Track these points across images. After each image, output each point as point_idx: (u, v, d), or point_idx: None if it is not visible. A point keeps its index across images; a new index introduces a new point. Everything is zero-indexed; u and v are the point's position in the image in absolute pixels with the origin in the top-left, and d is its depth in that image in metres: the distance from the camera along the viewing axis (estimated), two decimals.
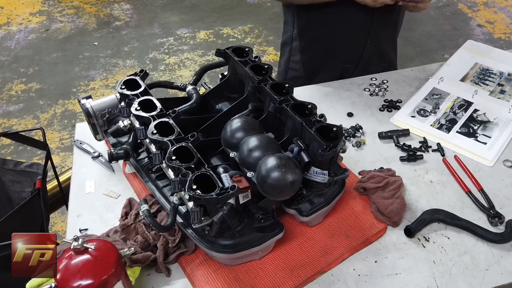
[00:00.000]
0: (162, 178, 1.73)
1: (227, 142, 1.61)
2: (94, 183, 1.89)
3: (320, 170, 1.55)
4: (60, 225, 3.62)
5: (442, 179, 1.89)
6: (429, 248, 1.65)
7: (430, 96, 2.29)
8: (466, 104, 2.24)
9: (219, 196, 1.34)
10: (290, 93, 1.71)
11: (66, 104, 4.80)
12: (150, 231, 1.57)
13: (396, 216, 1.68)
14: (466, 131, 2.10)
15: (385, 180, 1.76)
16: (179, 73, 5.23)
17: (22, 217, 2.11)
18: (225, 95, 1.97)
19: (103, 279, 1.24)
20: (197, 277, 1.53)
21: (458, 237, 1.68)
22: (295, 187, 1.46)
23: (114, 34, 5.95)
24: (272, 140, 1.57)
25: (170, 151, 1.46)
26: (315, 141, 1.52)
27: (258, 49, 5.60)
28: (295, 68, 2.56)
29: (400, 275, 1.56)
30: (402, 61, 5.03)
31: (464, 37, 5.34)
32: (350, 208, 1.75)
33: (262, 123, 1.68)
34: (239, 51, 1.92)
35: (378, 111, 2.22)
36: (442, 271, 1.57)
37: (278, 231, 1.55)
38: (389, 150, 2.02)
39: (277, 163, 1.42)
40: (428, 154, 2.00)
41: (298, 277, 1.52)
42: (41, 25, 6.11)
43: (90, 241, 1.30)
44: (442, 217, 1.71)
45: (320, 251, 1.60)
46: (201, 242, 1.51)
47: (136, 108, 1.64)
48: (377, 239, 1.67)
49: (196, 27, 6.05)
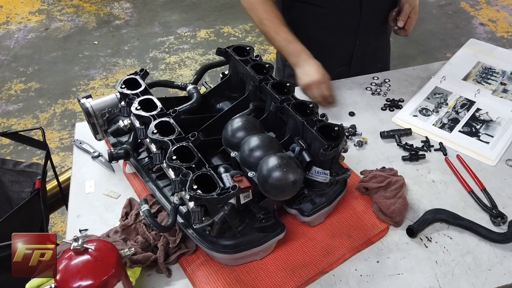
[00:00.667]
0: (162, 178, 1.73)
1: (228, 142, 1.61)
2: (94, 183, 1.89)
3: (322, 170, 1.55)
4: (60, 226, 3.62)
5: (444, 179, 1.89)
6: (431, 248, 1.64)
7: (432, 95, 2.29)
8: (468, 103, 2.23)
9: (220, 196, 1.34)
10: (292, 92, 1.71)
11: (66, 104, 4.81)
12: (151, 232, 1.57)
13: (398, 216, 1.68)
14: (469, 131, 2.10)
15: (387, 180, 1.75)
16: (179, 72, 5.23)
17: (22, 218, 2.11)
18: (226, 94, 1.97)
19: (103, 280, 1.24)
20: (198, 277, 1.53)
21: (460, 237, 1.68)
22: (296, 187, 1.47)
23: (114, 33, 5.96)
24: (273, 140, 1.57)
25: (171, 151, 1.46)
26: (317, 141, 1.52)
27: (259, 48, 5.60)
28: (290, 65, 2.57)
29: (402, 275, 1.56)
30: (404, 60, 5.03)
31: (466, 36, 5.34)
32: (352, 208, 1.75)
33: (263, 122, 1.68)
34: (240, 50, 1.92)
35: (380, 110, 2.22)
36: (444, 271, 1.57)
37: (280, 231, 1.55)
38: (391, 150, 2.02)
39: (278, 162, 1.42)
40: (430, 154, 2.00)
41: (300, 278, 1.52)
42: (40, 24, 6.12)
43: (90, 241, 1.31)
44: (445, 217, 1.71)
45: (321, 251, 1.60)
46: (202, 242, 1.50)
47: (136, 108, 1.64)
48: (379, 239, 1.67)
49: (196, 26, 6.05)
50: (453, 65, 2.49)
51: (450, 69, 2.46)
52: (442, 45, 5.64)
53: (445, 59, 2.62)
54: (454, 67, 2.47)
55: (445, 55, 5.39)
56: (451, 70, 2.44)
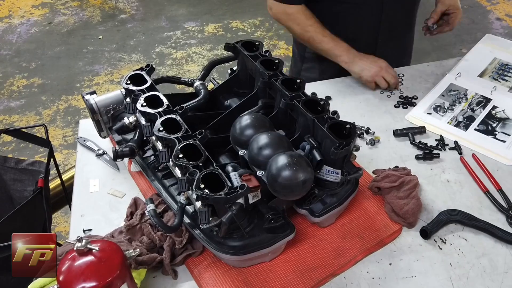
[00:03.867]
0: (168, 177, 1.73)
1: (236, 140, 1.61)
2: (98, 182, 1.89)
3: (333, 169, 1.55)
4: (63, 225, 3.63)
5: (459, 179, 1.89)
6: (445, 250, 1.64)
7: (447, 92, 2.28)
8: (484, 101, 2.23)
9: (228, 195, 1.34)
10: (302, 89, 1.71)
11: (70, 100, 4.82)
12: (156, 232, 1.57)
13: (411, 217, 1.67)
14: (485, 129, 2.09)
15: (400, 180, 1.75)
16: (186, 68, 5.24)
17: (24, 217, 2.12)
18: (234, 90, 1.97)
19: (108, 282, 1.24)
20: (205, 279, 1.53)
21: (476, 239, 1.67)
22: (306, 187, 1.46)
23: (120, 27, 5.97)
24: (283, 138, 1.57)
25: (177, 149, 1.46)
26: (328, 139, 1.52)
27: (268, 43, 5.59)
28: (310, 58, 2.58)
29: (416, 278, 1.56)
30: (418, 55, 4.99)
31: (482, 31, 5.31)
32: (364, 208, 1.75)
33: (272, 120, 1.68)
34: (249, 45, 1.92)
35: (393, 108, 2.22)
36: (459, 274, 1.57)
37: (289, 232, 1.55)
38: (405, 148, 2.01)
39: (288, 161, 1.42)
40: (445, 153, 1.99)
41: (310, 280, 1.52)
42: (43, 18, 6.13)
43: (94, 242, 1.31)
44: (459, 218, 1.71)
45: (332, 253, 1.60)
46: (209, 243, 1.50)
47: (142, 104, 1.64)
48: (391, 241, 1.67)
49: (204, 20, 6.05)
50: (468, 61, 2.49)
51: (465, 65, 2.45)
52: (457, 40, 5.61)
53: (460, 55, 2.61)
54: (469, 64, 2.46)
55: (461, 51, 5.37)
56: (467, 67, 2.43)
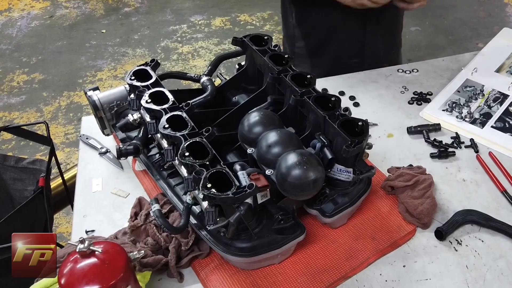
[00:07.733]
0: (174, 176, 1.73)
1: (245, 138, 1.61)
2: (101, 181, 1.89)
3: (345, 168, 1.55)
4: (65, 226, 3.64)
5: (475, 178, 1.88)
6: (461, 252, 1.64)
7: (463, 88, 2.27)
8: (501, 97, 2.22)
9: (236, 195, 1.34)
10: (312, 85, 1.70)
11: (72, 96, 4.83)
12: (162, 233, 1.57)
13: (426, 217, 1.67)
14: (502, 126, 2.08)
15: (415, 179, 1.74)
16: (192, 63, 5.25)
17: (24, 217, 2.12)
18: (242, 86, 1.97)
19: (111, 284, 1.24)
20: (212, 282, 1.53)
21: (493, 240, 1.67)
22: (317, 186, 1.46)
23: (123, 21, 5.98)
24: (293, 135, 1.57)
25: (183, 147, 1.46)
26: (339, 137, 1.52)
27: (277, 37, 5.57)
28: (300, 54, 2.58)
29: (431, 280, 1.56)
30: (432, 50, 4.98)
31: (499, 25, 5.30)
32: (377, 208, 1.75)
33: (282, 117, 1.68)
34: (257, 40, 1.92)
35: (407, 104, 2.21)
36: (475, 277, 1.56)
37: (299, 233, 1.55)
38: (419, 146, 2.01)
39: (298, 160, 1.42)
40: (461, 151, 1.99)
41: (321, 283, 1.52)
42: (44, 11, 6.15)
43: (97, 243, 1.31)
44: (476, 219, 1.70)
45: (344, 254, 1.60)
46: (216, 244, 1.51)
47: (147, 101, 1.65)
48: (405, 242, 1.66)
49: (211, 14, 6.06)
50: (485, 56, 2.47)
51: (482, 60, 2.44)
52: (473, 34, 5.60)
53: (476, 49, 2.61)
54: (486, 58, 2.45)
55: (477, 45, 5.36)
56: (483, 62, 2.42)
